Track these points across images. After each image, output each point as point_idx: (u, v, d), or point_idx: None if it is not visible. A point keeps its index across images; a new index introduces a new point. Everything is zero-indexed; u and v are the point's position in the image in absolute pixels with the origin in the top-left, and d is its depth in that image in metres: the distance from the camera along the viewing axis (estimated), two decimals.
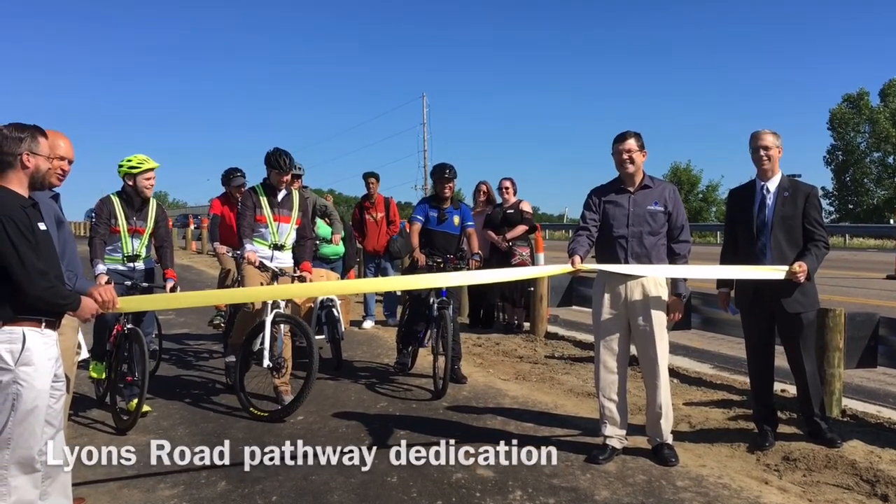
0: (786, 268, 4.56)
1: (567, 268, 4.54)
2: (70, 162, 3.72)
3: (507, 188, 9.28)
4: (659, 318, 4.56)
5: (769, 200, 4.74)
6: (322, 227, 8.63)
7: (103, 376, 5.72)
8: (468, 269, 6.61)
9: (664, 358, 4.58)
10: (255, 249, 5.85)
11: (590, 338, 8.50)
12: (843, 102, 54.71)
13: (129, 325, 5.44)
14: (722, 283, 5.08)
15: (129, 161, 5.64)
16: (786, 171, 4.85)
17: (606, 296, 4.62)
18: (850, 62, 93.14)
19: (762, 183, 4.79)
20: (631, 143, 4.60)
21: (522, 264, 8.85)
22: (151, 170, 5.66)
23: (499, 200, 9.51)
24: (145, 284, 5.66)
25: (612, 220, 4.64)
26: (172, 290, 5.60)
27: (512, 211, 9.16)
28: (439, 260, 6.59)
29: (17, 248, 3.10)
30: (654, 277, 4.57)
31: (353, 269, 10.61)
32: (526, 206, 9.31)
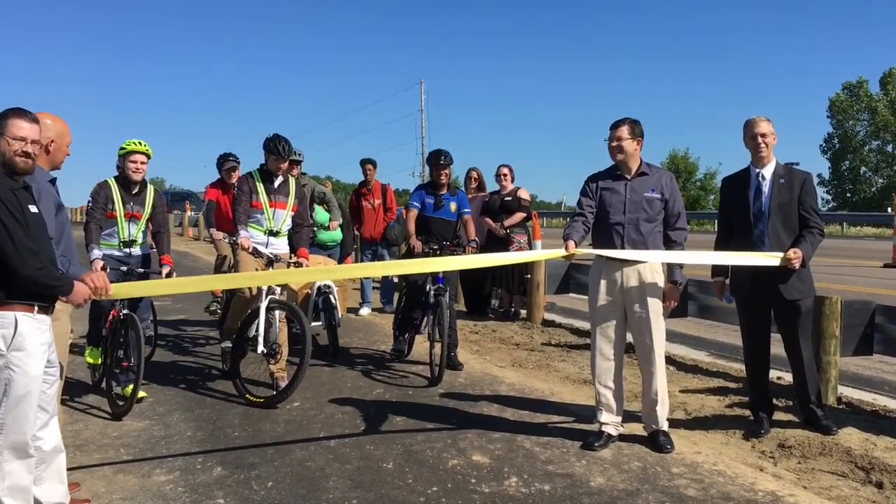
0: (781, 254, 4.55)
1: (561, 252, 4.52)
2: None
3: (504, 175, 9.25)
4: (655, 305, 4.55)
5: (765, 188, 4.72)
6: (320, 214, 8.61)
7: (99, 361, 5.72)
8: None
9: (660, 345, 4.58)
10: (250, 235, 5.83)
11: (586, 325, 8.49)
12: (843, 91, 54.64)
13: (124, 311, 5.43)
14: (717, 272, 5.07)
15: (124, 143, 5.64)
16: (782, 159, 4.84)
17: (603, 282, 4.60)
18: (850, 51, 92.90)
19: (757, 170, 4.77)
20: (622, 130, 4.58)
21: (520, 251, 8.85)
22: (137, 153, 5.60)
23: (494, 187, 9.48)
24: (141, 270, 5.65)
25: (608, 207, 4.62)
26: (168, 276, 5.59)
27: (510, 198, 9.14)
28: (436, 247, 6.56)
29: (7, 226, 3.07)
30: (650, 264, 4.56)
31: (351, 255, 10.60)
32: (524, 194, 9.29)
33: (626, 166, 4.64)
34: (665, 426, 4.58)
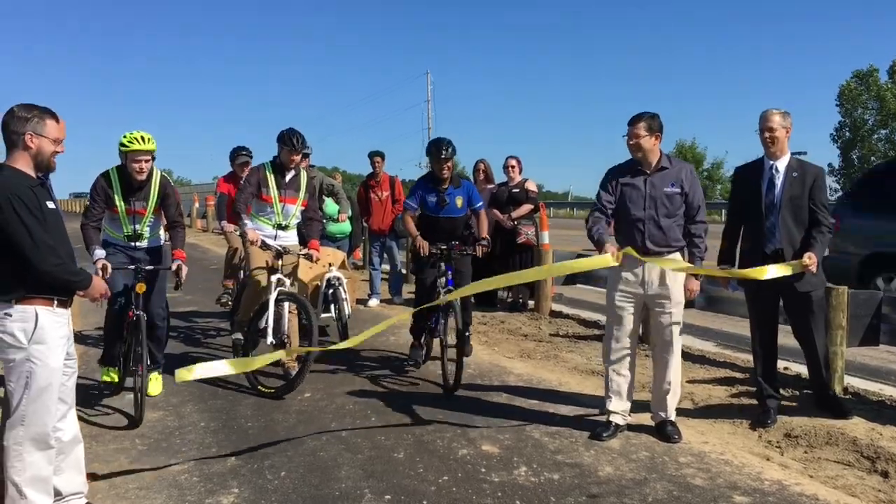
0: (796, 262, 4.58)
1: (608, 259, 4.40)
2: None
3: (512, 167, 9.27)
4: (677, 296, 4.57)
5: (778, 180, 4.74)
6: (330, 206, 8.66)
7: (117, 380, 5.54)
8: (474, 255, 6.23)
9: (678, 336, 4.61)
10: (255, 227, 5.87)
11: (594, 316, 8.56)
12: (853, 78, 54.27)
13: (137, 312, 5.16)
14: (723, 261, 5.10)
15: (125, 137, 5.18)
16: (792, 147, 4.86)
17: (624, 273, 4.61)
18: (863, 39, 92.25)
19: (771, 162, 4.79)
20: (639, 127, 4.54)
21: (527, 243, 8.93)
22: (143, 152, 5.15)
23: (502, 179, 9.50)
24: (150, 267, 5.32)
25: (629, 203, 4.61)
26: (177, 270, 5.28)
27: (517, 190, 9.16)
28: (444, 247, 6.12)
29: (26, 224, 3.14)
30: (673, 256, 4.58)
31: (359, 247, 10.66)
32: (531, 186, 9.31)
33: (646, 161, 4.62)
34: (673, 416, 4.62)
